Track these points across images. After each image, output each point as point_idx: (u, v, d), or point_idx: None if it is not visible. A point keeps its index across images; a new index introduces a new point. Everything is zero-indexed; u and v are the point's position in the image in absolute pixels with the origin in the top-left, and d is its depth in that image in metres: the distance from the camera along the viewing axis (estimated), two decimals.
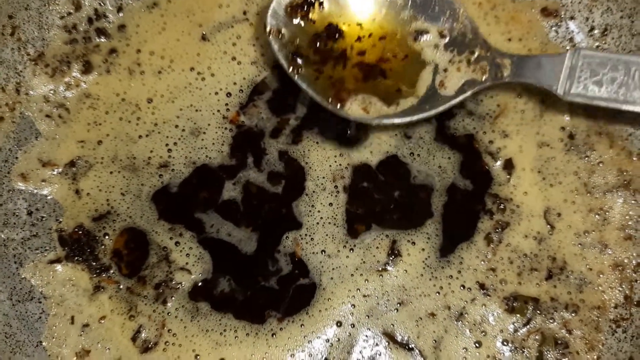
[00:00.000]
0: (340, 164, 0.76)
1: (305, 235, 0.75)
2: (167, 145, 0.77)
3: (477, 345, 0.71)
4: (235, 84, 0.78)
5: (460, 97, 0.65)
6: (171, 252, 0.74)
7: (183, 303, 0.73)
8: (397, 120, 0.67)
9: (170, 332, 0.72)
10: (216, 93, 0.78)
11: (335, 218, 0.75)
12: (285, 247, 0.74)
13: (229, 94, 0.78)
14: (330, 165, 0.76)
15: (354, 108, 0.67)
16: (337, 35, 0.67)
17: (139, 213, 0.75)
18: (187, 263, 0.74)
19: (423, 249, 0.74)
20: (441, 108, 0.65)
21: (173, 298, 0.73)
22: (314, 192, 0.76)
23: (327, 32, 0.67)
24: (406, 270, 0.73)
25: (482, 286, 0.73)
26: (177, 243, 0.74)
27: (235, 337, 0.72)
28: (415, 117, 0.65)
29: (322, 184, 0.76)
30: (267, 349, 0.72)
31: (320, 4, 0.67)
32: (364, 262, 0.74)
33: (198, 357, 0.71)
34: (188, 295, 0.73)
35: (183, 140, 0.77)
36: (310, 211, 0.75)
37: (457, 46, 0.65)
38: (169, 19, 0.80)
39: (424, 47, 0.65)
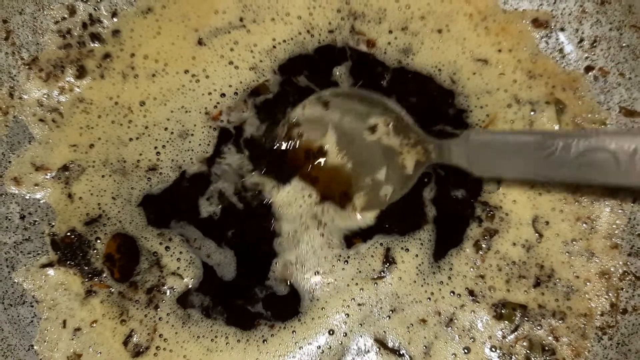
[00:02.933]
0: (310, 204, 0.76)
1: (296, 262, 0.75)
2: (155, 148, 0.77)
3: (465, 351, 0.72)
4: (230, 86, 0.78)
5: (417, 175, 0.74)
6: (162, 257, 0.74)
7: (174, 309, 0.73)
8: (385, 205, 0.75)
9: (162, 337, 0.72)
10: (209, 93, 0.78)
11: (330, 243, 0.75)
12: (274, 272, 0.74)
13: (223, 95, 0.78)
14: (300, 206, 0.76)
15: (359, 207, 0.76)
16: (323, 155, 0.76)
17: (129, 218, 0.75)
18: (178, 268, 0.74)
19: (417, 255, 0.75)
20: (410, 185, 0.74)
21: (164, 302, 0.73)
22: (296, 231, 0.75)
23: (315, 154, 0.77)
24: (400, 278, 0.74)
25: (471, 292, 0.74)
26: (167, 248, 0.75)
27: (227, 344, 0.72)
28: (396, 198, 0.75)
29: (304, 222, 0.76)
30: (258, 355, 0.72)
31: (300, 135, 0.76)
32: (360, 271, 0.74)
33: None
34: (178, 302, 0.73)
35: (171, 142, 0.77)
36: (296, 246, 0.75)
37: (401, 131, 0.74)
38: (164, 23, 0.80)
39: (381, 136, 0.74)
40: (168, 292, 0.74)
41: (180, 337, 0.72)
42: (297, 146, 0.76)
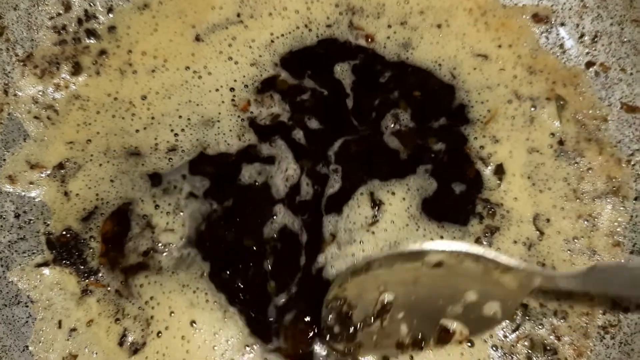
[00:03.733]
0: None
1: None
2: (172, 131, 0.76)
3: (469, 344, 0.71)
4: (235, 81, 0.78)
5: (528, 290, 0.66)
6: (152, 217, 0.73)
7: (172, 275, 0.71)
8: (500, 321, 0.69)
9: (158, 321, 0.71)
10: (217, 90, 0.78)
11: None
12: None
13: (232, 89, 0.78)
14: None
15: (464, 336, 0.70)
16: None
17: (130, 186, 0.74)
18: (167, 223, 0.73)
19: (404, 199, 0.73)
20: (524, 295, 0.68)
21: (160, 262, 0.72)
22: None
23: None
24: (393, 221, 0.72)
25: None
26: (157, 206, 0.73)
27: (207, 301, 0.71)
28: (512, 311, 0.69)
29: None
30: None
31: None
32: (355, 222, 0.72)
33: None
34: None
35: (191, 127, 0.76)
36: None
37: (481, 261, 0.64)
38: (161, 20, 0.80)
39: (451, 267, 0.64)
40: (165, 250, 0.72)
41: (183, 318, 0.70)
42: (351, 320, 0.65)
